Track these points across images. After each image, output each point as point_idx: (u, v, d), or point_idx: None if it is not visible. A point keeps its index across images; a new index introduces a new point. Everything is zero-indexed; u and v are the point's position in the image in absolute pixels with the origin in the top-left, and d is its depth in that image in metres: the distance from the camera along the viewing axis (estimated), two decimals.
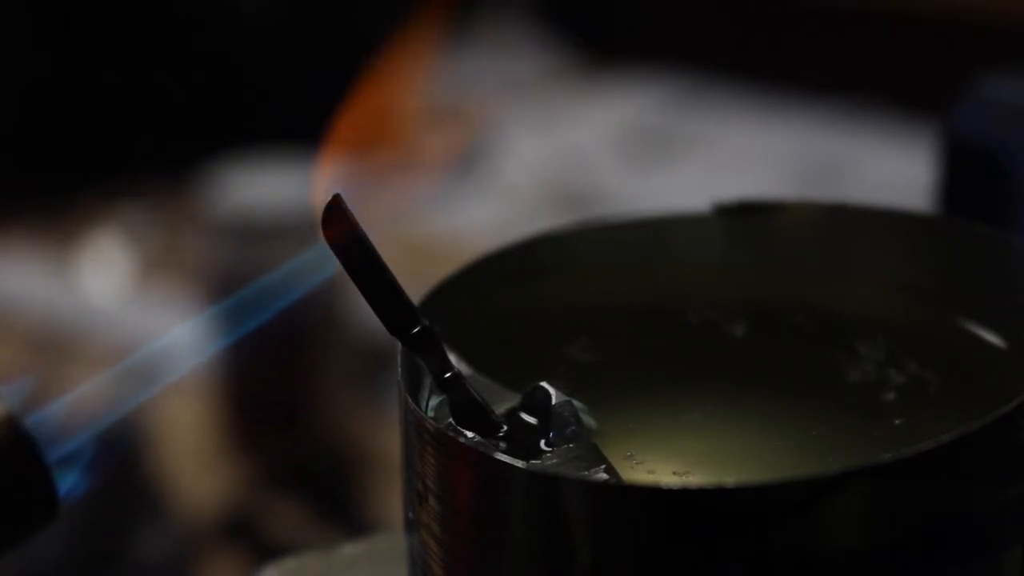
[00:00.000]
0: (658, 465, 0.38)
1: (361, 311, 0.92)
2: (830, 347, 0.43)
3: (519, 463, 0.36)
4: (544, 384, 0.38)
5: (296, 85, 1.39)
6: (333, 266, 0.38)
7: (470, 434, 0.38)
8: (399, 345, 0.38)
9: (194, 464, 1.02)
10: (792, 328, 0.44)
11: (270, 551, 0.77)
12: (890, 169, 1.26)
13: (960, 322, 0.42)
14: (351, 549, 0.48)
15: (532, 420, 0.38)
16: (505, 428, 0.38)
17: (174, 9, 1.43)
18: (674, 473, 0.37)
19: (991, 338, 0.42)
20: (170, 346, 0.45)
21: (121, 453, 0.95)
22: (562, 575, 0.34)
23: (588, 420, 0.38)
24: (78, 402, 0.41)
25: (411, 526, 0.38)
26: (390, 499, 0.96)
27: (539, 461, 0.37)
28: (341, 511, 0.98)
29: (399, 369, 0.38)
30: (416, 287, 0.40)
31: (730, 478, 0.36)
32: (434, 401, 0.40)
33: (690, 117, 1.42)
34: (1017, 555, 0.35)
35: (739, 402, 0.40)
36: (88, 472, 0.39)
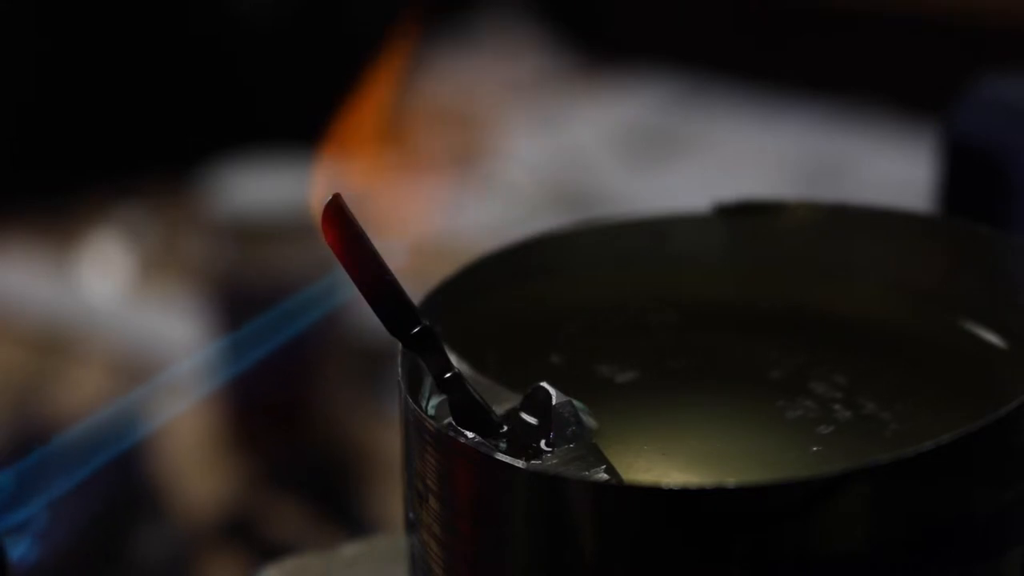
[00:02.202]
0: (658, 464, 0.38)
1: (361, 311, 0.91)
2: (830, 347, 0.43)
3: (519, 463, 0.36)
4: (544, 384, 0.38)
5: (296, 85, 1.39)
6: (345, 293, 0.38)
7: (470, 434, 0.38)
8: (399, 345, 0.38)
9: (194, 464, 1.02)
10: (792, 328, 0.44)
11: (270, 551, 0.77)
12: (890, 169, 1.26)
13: (960, 322, 0.42)
14: (351, 549, 0.48)
15: (532, 420, 0.38)
16: (505, 428, 0.38)
17: (174, 9, 1.43)
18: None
19: (991, 338, 0.42)
20: (176, 376, 0.45)
21: (121, 453, 0.95)
22: (562, 575, 0.34)
23: (588, 420, 0.38)
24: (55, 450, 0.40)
25: (411, 526, 0.38)
26: (390, 499, 0.96)
27: (539, 461, 0.37)
28: (341, 511, 0.98)
29: (399, 369, 0.38)
30: (416, 287, 0.40)
31: (730, 478, 0.36)
32: (434, 401, 0.40)
33: (690, 117, 1.42)
34: (1017, 555, 0.35)
35: (739, 402, 0.40)
36: (41, 540, 0.39)
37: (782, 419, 0.39)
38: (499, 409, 0.39)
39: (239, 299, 1.00)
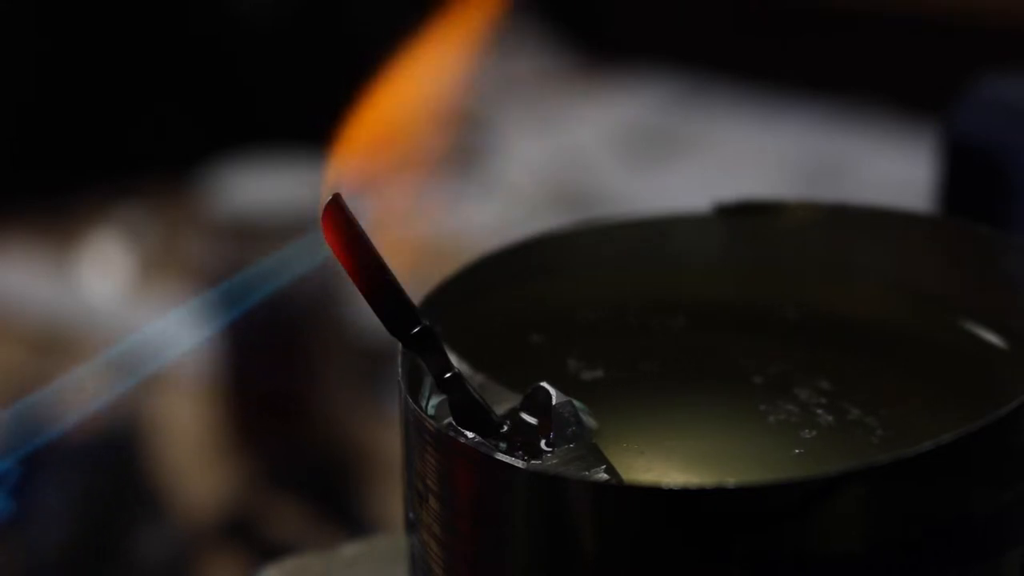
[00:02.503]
0: (658, 464, 0.38)
1: (361, 311, 0.91)
2: (830, 347, 0.43)
3: (519, 463, 0.36)
4: (544, 384, 0.38)
5: (296, 85, 1.39)
6: (323, 255, 0.38)
7: (470, 434, 0.38)
8: (399, 345, 0.38)
9: (194, 464, 1.02)
10: (792, 328, 0.44)
11: (270, 551, 0.77)
12: (890, 169, 1.26)
13: (960, 322, 0.42)
14: (351, 549, 0.48)
15: (532, 420, 0.38)
16: (505, 428, 0.38)
17: (174, 9, 1.44)
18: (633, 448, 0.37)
19: (991, 338, 0.42)
20: (157, 338, 0.45)
21: (120, 453, 0.95)
22: (562, 575, 0.34)
23: (588, 420, 0.38)
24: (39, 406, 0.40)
25: (412, 526, 0.38)
26: (390, 499, 0.96)
27: (539, 461, 0.37)
28: (341, 511, 0.98)
29: (399, 369, 0.38)
30: (416, 287, 0.40)
31: (730, 478, 0.36)
32: (434, 401, 0.40)
33: (690, 117, 1.42)
34: (1016, 556, 0.35)
35: (739, 402, 0.40)
36: (15, 496, 0.39)
37: (782, 419, 0.39)
38: (499, 409, 0.39)
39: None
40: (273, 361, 1.02)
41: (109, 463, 0.94)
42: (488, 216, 1.25)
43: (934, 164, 0.64)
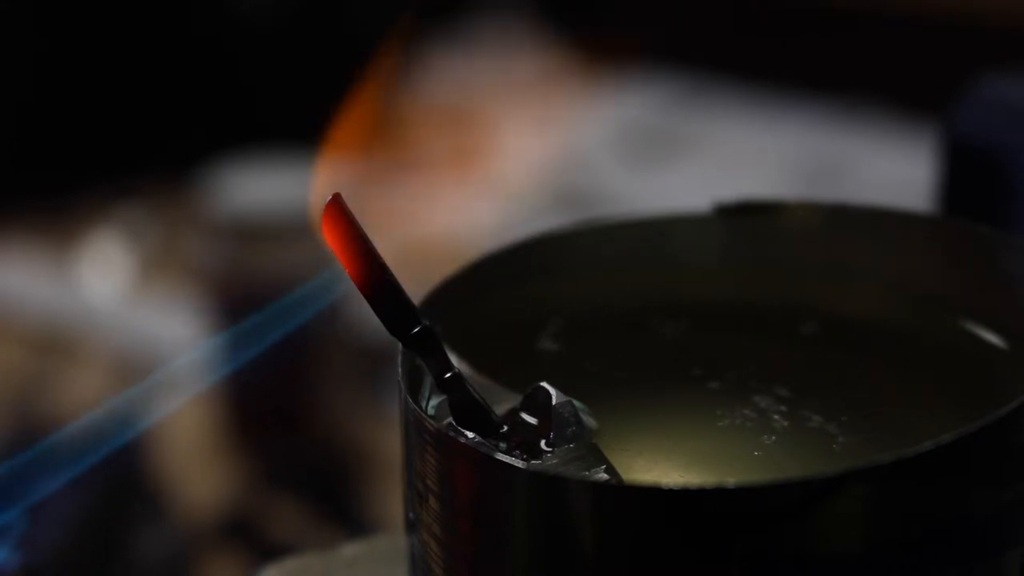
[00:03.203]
0: (658, 464, 0.38)
1: (361, 311, 0.91)
2: (831, 347, 0.43)
3: (519, 463, 0.36)
4: (544, 384, 0.38)
5: (296, 85, 1.39)
6: (340, 289, 0.38)
7: (470, 434, 0.38)
8: (399, 345, 0.38)
9: (194, 464, 1.02)
10: (792, 328, 0.44)
11: (270, 551, 0.77)
12: (890, 169, 1.26)
13: (960, 322, 0.42)
14: (351, 549, 0.48)
15: (532, 420, 0.38)
16: (505, 428, 0.38)
17: (174, 9, 1.43)
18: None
19: (991, 338, 0.42)
20: (175, 372, 0.45)
21: (119, 453, 0.95)
22: (562, 575, 0.34)
23: (588, 420, 0.38)
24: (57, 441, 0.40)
25: (412, 526, 0.38)
26: (390, 499, 0.96)
27: (539, 461, 0.37)
28: (341, 511, 0.98)
29: (399, 369, 0.38)
30: (416, 287, 0.40)
31: (730, 478, 0.36)
32: (434, 401, 0.40)
33: (690, 117, 1.42)
34: (1016, 556, 0.35)
35: (738, 402, 0.40)
36: (20, 546, 0.39)
37: (781, 419, 0.39)
38: (499, 409, 0.39)
39: (238, 299, 1.00)
40: (273, 361, 1.02)
41: (109, 463, 0.94)
42: (488, 216, 1.24)
43: (934, 164, 0.64)
